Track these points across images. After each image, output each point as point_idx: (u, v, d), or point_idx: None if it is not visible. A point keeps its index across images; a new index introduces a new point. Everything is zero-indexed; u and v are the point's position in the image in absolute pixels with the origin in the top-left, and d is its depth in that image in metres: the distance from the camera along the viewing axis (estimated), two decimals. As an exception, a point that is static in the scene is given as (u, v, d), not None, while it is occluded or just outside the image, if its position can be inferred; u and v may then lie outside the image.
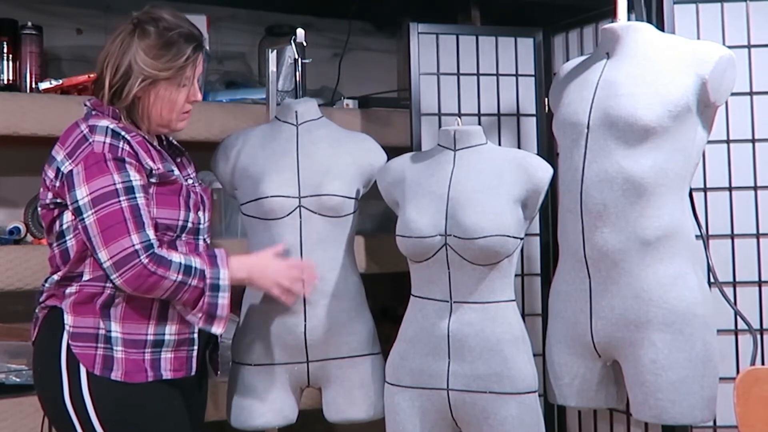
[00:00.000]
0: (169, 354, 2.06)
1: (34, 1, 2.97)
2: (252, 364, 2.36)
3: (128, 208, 1.96)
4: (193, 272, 2.01)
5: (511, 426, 2.17)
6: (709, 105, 2.14)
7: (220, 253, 2.08)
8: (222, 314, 2.05)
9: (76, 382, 2.00)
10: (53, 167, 2.02)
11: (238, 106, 2.91)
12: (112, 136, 2.00)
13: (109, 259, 1.95)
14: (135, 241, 1.95)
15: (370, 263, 2.89)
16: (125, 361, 2.02)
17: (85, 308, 2.02)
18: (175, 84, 2.09)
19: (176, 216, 2.08)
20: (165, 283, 1.97)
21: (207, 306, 2.03)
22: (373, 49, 3.56)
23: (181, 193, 2.10)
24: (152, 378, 2.04)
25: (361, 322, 2.40)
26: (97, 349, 2.01)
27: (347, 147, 2.43)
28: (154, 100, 2.08)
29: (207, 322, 2.05)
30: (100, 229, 1.95)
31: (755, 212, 2.37)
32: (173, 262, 1.98)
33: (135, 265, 1.94)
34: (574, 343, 2.24)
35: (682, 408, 2.10)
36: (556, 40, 2.73)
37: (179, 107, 2.13)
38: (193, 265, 2.01)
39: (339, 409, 2.39)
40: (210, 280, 2.03)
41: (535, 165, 2.25)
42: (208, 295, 2.02)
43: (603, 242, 2.13)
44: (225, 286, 2.04)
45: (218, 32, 3.18)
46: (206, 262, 2.04)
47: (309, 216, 2.33)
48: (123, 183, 1.97)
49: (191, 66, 2.10)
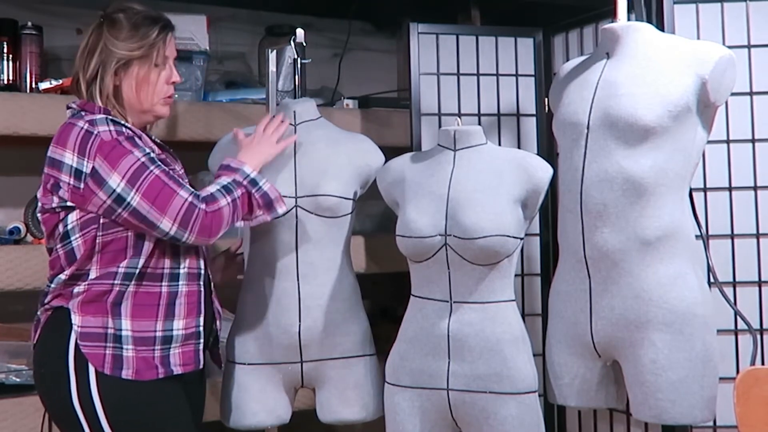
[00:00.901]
0: (178, 349, 2.08)
1: (34, 1, 2.97)
2: (246, 363, 2.36)
3: (162, 173, 2.02)
4: (232, 187, 2.10)
5: (511, 426, 2.17)
6: (709, 105, 2.14)
7: (229, 161, 2.17)
8: (274, 195, 2.16)
9: (84, 382, 2.00)
10: (66, 170, 2.01)
11: (238, 106, 2.91)
12: (114, 124, 2.04)
13: (173, 222, 2.00)
14: (184, 195, 2.01)
15: (370, 263, 2.89)
16: (135, 360, 2.03)
17: (93, 307, 2.02)
18: (148, 63, 2.11)
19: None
20: (225, 211, 2.05)
21: (261, 199, 2.14)
22: (373, 49, 3.56)
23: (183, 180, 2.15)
24: (163, 374, 2.05)
25: (355, 323, 2.40)
26: (106, 348, 2.01)
27: (345, 147, 2.43)
28: (132, 84, 2.11)
29: (269, 211, 2.16)
30: (151, 202, 1.99)
31: (755, 212, 2.37)
32: (214, 194, 2.06)
33: (197, 215, 2.01)
34: (574, 343, 2.24)
35: (682, 408, 2.10)
36: (556, 40, 2.73)
37: (159, 89, 2.15)
38: (225, 183, 2.10)
39: (332, 409, 2.39)
40: (246, 181, 2.13)
41: (535, 165, 2.25)
42: (254, 192, 2.13)
43: (603, 242, 2.13)
44: (258, 177, 2.16)
45: (218, 32, 3.18)
46: (228, 173, 2.14)
47: (305, 216, 2.33)
48: (145, 155, 2.02)
49: (161, 44, 2.13)
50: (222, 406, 2.41)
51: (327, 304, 2.34)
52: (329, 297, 2.34)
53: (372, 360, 2.42)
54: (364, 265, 2.87)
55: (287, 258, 2.32)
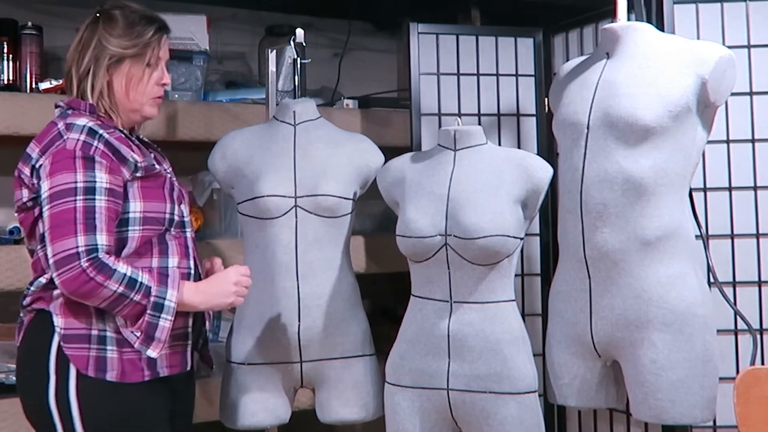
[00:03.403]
0: (165, 350, 2.02)
1: (34, 1, 2.97)
2: (245, 363, 2.36)
3: (82, 208, 1.92)
4: (138, 287, 1.93)
5: (511, 426, 2.17)
6: (709, 105, 2.14)
7: (173, 274, 2.01)
8: (161, 337, 1.96)
9: (63, 384, 1.97)
10: (29, 165, 2.01)
11: (238, 106, 2.91)
12: (88, 134, 1.98)
13: (53, 256, 1.91)
14: (80, 243, 1.90)
15: (370, 263, 2.89)
16: (120, 361, 1.99)
17: (76, 309, 1.98)
18: (141, 62, 2.08)
19: (163, 209, 2.06)
20: (104, 291, 1.90)
21: (146, 325, 1.95)
22: (373, 49, 3.56)
23: (165, 186, 2.08)
24: (149, 377, 2.02)
25: (355, 323, 2.39)
26: (90, 350, 1.98)
27: (345, 148, 2.43)
28: (123, 82, 2.07)
29: (144, 342, 1.97)
30: (50, 225, 1.92)
31: (755, 212, 2.37)
32: (116, 272, 1.91)
33: (74, 267, 1.89)
34: (574, 343, 2.24)
35: (682, 408, 2.10)
36: (556, 40, 2.73)
37: (149, 89, 2.11)
38: (139, 279, 1.94)
39: (332, 409, 2.39)
40: (154, 298, 1.95)
41: (535, 165, 2.25)
42: (149, 314, 1.95)
43: (603, 242, 2.13)
44: (170, 308, 1.96)
45: (218, 32, 3.18)
46: (155, 279, 1.96)
47: (305, 216, 2.33)
48: (85, 182, 1.94)
49: (156, 44, 2.10)
50: (221, 406, 2.41)
51: (327, 304, 2.34)
52: (329, 297, 2.34)
53: (372, 360, 2.42)
54: (364, 265, 2.87)
55: (287, 258, 2.32)
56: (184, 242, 2.11)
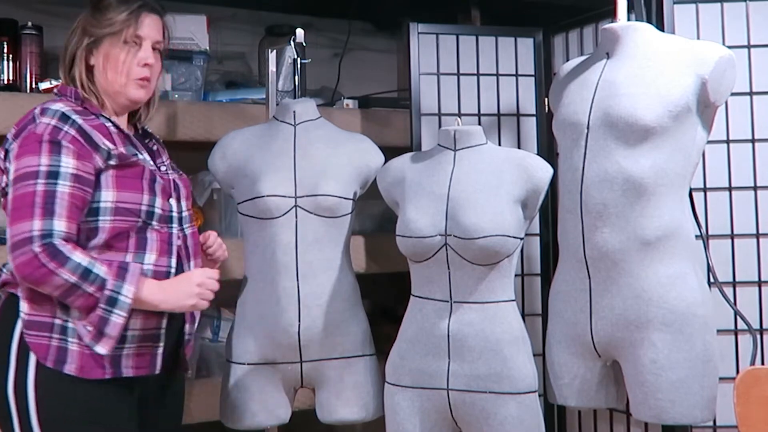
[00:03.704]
0: (132, 350, 1.96)
1: (34, 1, 2.97)
2: (245, 363, 2.36)
3: (42, 192, 1.88)
4: (92, 278, 1.87)
5: (511, 426, 2.17)
6: (709, 105, 2.14)
7: (134, 269, 1.93)
8: (112, 333, 1.89)
9: (23, 372, 1.92)
10: (3, 149, 1.99)
11: (238, 106, 2.91)
12: (60, 119, 1.95)
13: (10, 240, 1.87)
14: (35, 228, 1.85)
15: (370, 263, 2.89)
16: (80, 355, 1.92)
17: (40, 295, 1.92)
18: (118, 41, 2.03)
19: (138, 200, 1.98)
20: (55, 279, 1.85)
21: (98, 320, 1.89)
22: (373, 49, 3.56)
23: (144, 176, 2.01)
24: (110, 375, 1.94)
25: (355, 323, 2.40)
26: (51, 339, 1.92)
27: (345, 148, 2.43)
28: (103, 63, 2.04)
29: (95, 338, 1.90)
30: (11, 208, 1.90)
31: (755, 212, 2.37)
32: (71, 260, 1.86)
33: (26, 251, 1.85)
34: (574, 343, 2.24)
35: (682, 408, 2.10)
36: (556, 40, 2.73)
37: (129, 69, 2.04)
38: (95, 271, 1.87)
39: (332, 409, 2.39)
40: (109, 292, 1.88)
41: (535, 165, 2.25)
42: (101, 307, 1.88)
43: (603, 242, 2.13)
44: (124, 304, 1.89)
45: (218, 32, 3.18)
46: (112, 273, 1.89)
47: (305, 216, 2.33)
48: (48, 166, 1.90)
49: (133, 22, 2.04)
50: (221, 406, 2.41)
51: (327, 304, 2.34)
52: (329, 297, 2.34)
53: (372, 360, 2.42)
54: (364, 265, 2.87)
55: (287, 258, 2.32)
56: (167, 238, 2.04)
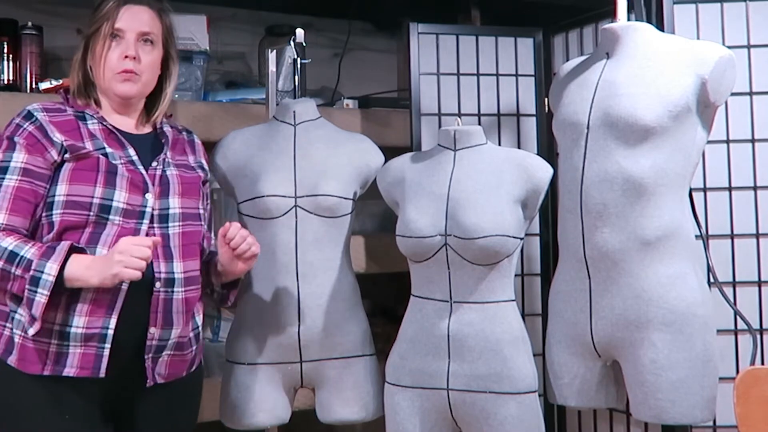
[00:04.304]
0: (78, 349, 1.90)
1: (34, 1, 2.97)
2: (245, 363, 2.36)
3: None
4: (18, 261, 1.84)
5: (511, 426, 2.17)
6: (708, 105, 2.14)
7: (61, 246, 1.86)
8: (35, 314, 1.83)
9: None
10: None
11: (238, 106, 2.91)
12: (24, 117, 1.99)
13: None
14: None
15: (370, 263, 2.89)
16: (22, 348, 1.90)
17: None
18: (101, 36, 2.03)
19: (89, 192, 1.93)
20: None
21: (27, 301, 1.84)
22: (373, 49, 3.56)
23: (99, 168, 1.95)
24: (49, 372, 1.89)
25: (355, 323, 2.39)
26: (4, 328, 1.93)
27: (345, 148, 2.43)
28: (90, 60, 2.07)
29: (30, 321, 1.86)
30: None
31: (755, 212, 2.37)
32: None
33: None
34: (574, 343, 2.24)
35: (682, 408, 2.10)
36: (556, 40, 2.73)
37: (110, 63, 2.03)
38: (21, 253, 1.84)
39: (332, 409, 2.39)
40: (33, 272, 1.83)
41: (535, 165, 2.25)
42: (27, 288, 1.84)
43: (603, 242, 2.13)
44: (46, 282, 1.82)
45: (218, 32, 3.18)
46: (39, 253, 1.84)
47: (305, 216, 2.33)
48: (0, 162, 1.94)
49: (112, 14, 2.03)
50: (221, 406, 2.41)
51: (327, 304, 2.34)
52: (329, 297, 2.34)
53: (372, 360, 2.42)
54: (364, 265, 2.87)
55: (287, 258, 2.32)
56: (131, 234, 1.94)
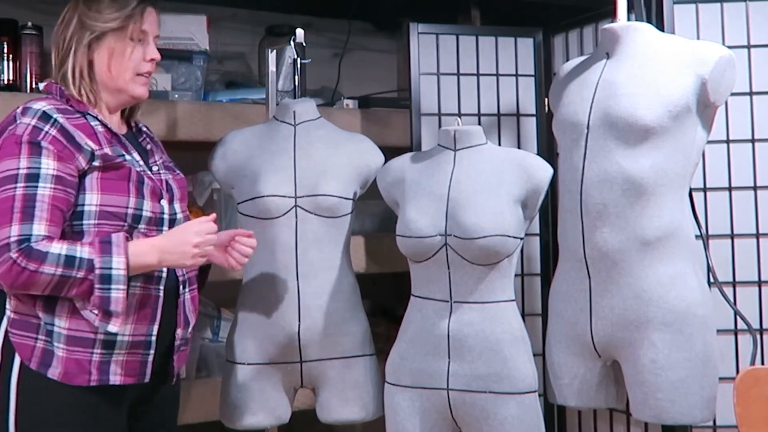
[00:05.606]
0: (121, 356, 1.91)
1: (34, 1, 2.96)
2: (245, 363, 2.36)
3: (21, 196, 1.82)
4: (78, 263, 1.81)
5: (511, 426, 2.17)
6: (708, 105, 2.14)
7: (117, 239, 1.86)
8: (117, 309, 1.83)
9: (6, 372, 1.87)
10: None
11: (238, 106, 2.91)
12: (40, 119, 1.88)
13: None
14: (12, 233, 1.79)
15: (370, 263, 2.89)
16: (66, 360, 1.87)
17: (24, 295, 1.88)
18: (124, 36, 1.98)
19: (124, 203, 1.92)
20: (41, 278, 1.80)
21: (99, 301, 1.82)
22: (373, 49, 3.55)
23: (131, 178, 1.94)
24: (95, 382, 1.89)
25: (355, 323, 2.39)
26: (36, 341, 1.88)
27: (345, 148, 2.43)
28: (105, 58, 1.98)
29: (103, 319, 1.85)
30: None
31: (755, 212, 2.37)
32: (49, 254, 1.80)
33: (5, 259, 1.79)
34: (574, 343, 2.24)
35: (682, 408, 2.10)
36: (556, 40, 2.73)
37: (134, 64, 2.00)
38: (77, 255, 1.81)
39: (332, 409, 2.39)
40: (99, 270, 1.82)
41: (535, 165, 2.25)
42: (98, 288, 1.82)
43: (603, 242, 2.13)
44: (119, 277, 1.82)
45: (218, 32, 3.18)
46: (96, 251, 1.83)
47: (305, 216, 2.33)
48: (28, 169, 1.84)
49: (138, 17, 1.99)
50: (222, 406, 2.41)
51: (327, 304, 2.34)
52: (329, 297, 2.34)
53: (372, 360, 2.42)
54: (364, 265, 2.87)
55: (287, 258, 2.32)
56: None
